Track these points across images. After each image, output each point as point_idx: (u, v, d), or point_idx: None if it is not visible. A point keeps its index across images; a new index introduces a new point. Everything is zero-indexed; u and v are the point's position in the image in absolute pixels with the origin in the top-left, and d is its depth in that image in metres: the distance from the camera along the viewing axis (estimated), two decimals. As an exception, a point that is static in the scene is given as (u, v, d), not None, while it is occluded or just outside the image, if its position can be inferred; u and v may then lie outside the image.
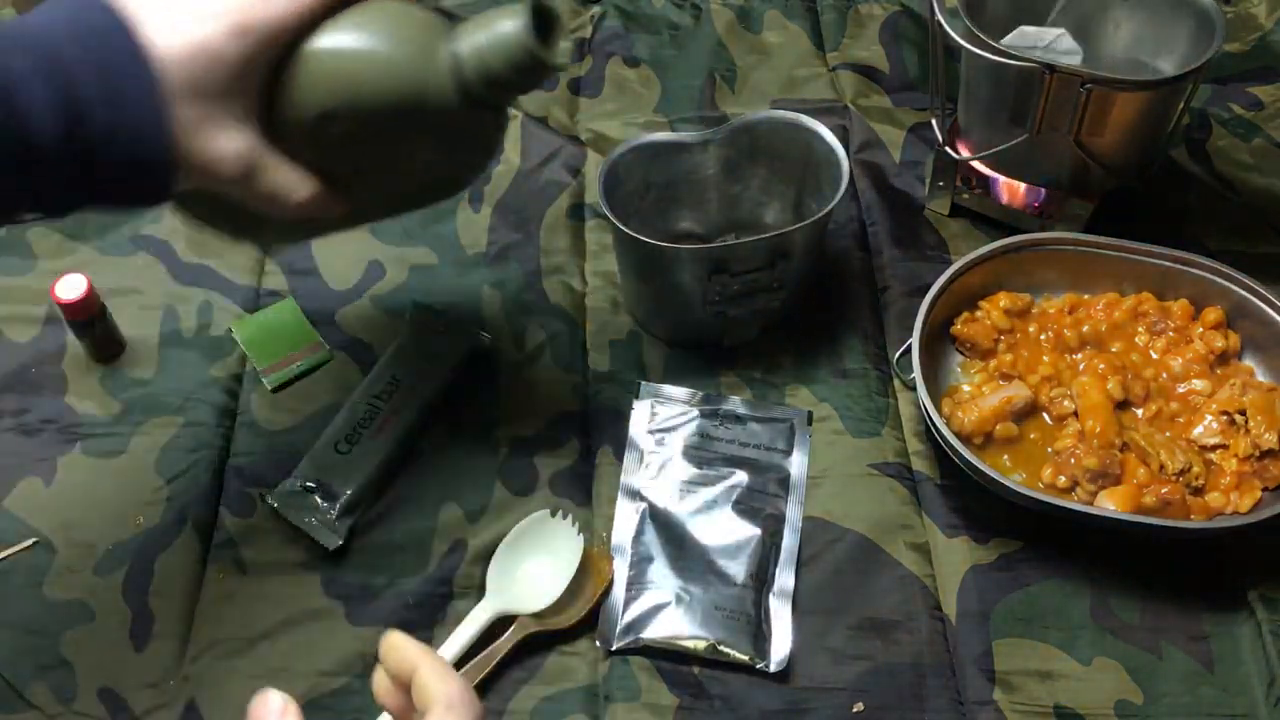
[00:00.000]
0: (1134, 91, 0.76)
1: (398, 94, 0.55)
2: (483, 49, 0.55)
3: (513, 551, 0.69)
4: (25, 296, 0.82)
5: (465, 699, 0.44)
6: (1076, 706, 0.66)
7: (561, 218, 0.88)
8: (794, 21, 1.02)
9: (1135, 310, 0.78)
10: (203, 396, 0.77)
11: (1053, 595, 0.70)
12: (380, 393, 0.76)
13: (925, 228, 0.88)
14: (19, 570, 0.70)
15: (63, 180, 0.50)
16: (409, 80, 0.55)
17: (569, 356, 0.80)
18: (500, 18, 0.55)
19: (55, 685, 0.65)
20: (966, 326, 0.77)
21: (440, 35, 0.56)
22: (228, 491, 0.73)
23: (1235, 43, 1.01)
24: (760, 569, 0.69)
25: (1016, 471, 0.72)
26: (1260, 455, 0.71)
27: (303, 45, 0.55)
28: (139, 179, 0.52)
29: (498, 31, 0.55)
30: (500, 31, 0.55)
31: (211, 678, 0.66)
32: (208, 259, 0.84)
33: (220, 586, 0.69)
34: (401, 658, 0.45)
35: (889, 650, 0.67)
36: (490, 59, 0.55)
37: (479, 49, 0.55)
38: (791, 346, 0.81)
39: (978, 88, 0.82)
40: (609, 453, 0.75)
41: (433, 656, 0.45)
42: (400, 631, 0.47)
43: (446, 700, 0.43)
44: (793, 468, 0.74)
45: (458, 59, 0.55)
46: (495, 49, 0.55)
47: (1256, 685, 0.67)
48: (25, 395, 0.77)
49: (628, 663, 0.67)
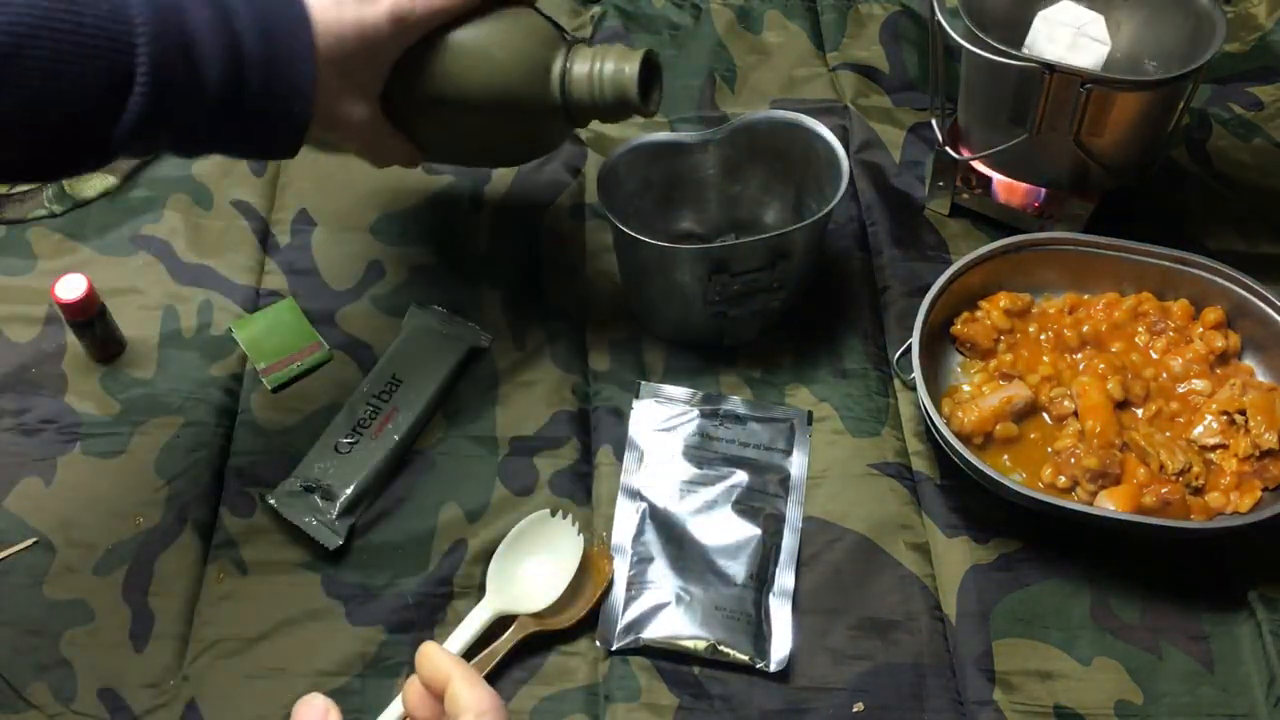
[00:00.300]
0: (1134, 91, 0.76)
1: (506, 98, 0.64)
2: (594, 81, 0.64)
3: (513, 551, 0.69)
4: (25, 296, 0.82)
5: (495, 705, 0.46)
6: (1076, 706, 0.66)
7: (562, 217, 0.88)
8: (794, 21, 1.02)
9: (1135, 310, 0.78)
10: (203, 396, 0.77)
11: (1053, 595, 0.70)
12: (380, 393, 0.76)
13: (925, 228, 0.88)
14: (19, 570, 0.70)
15: (211, 125, 0.56)
16: (519, 89, 0.64)
17: (569, 356, 0.80)
18: (617, 59, 0.64)
19: (55, 685, 0.65)
20: (966, 326, 0.77)
21: (556, 52, 0.65)
22: (228, 491, 0.73)
23: (1235, 43, 1.01)
24: (760, 569, 0.69)
25: (1016, 471, 0.72)
26: (1260, 455, 0.71)
27: (435, 37, 0.63)
28: (276, 134, 0.58)
29: (612, 71, 0.64)
30: (614, 72, 0.64)
31: (211, 678, 0.66)
32: (208, 259, 0.84)
33: (220, 586, 0.69)
34: (435, 667, 0.47)
35: (889, 650, 0.67)
36: (597, 92, 0.64)
37: (590, 79, 0.64)
38: (791, 346, 0.81)
39: (978, 88, 0.82)
40: (609, 453, 0.75)
41: (464, 666, 0.47)
42: (434, 643, 0.49)
43: (478, 708, 0.45)
44: (793, 468, 0.74)
45: (568, 80, 0.64)
46: (605, 85, 0.64)
47: (1256, 685, 0.67)
48: (25, 395, 0.77)
49: (628, 663, 0.67)
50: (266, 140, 0.59)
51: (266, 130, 0.58)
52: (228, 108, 0.55)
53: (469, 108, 0.64)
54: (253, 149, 0.61)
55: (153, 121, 0.53)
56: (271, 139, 0.59)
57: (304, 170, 0.90)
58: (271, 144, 0.60)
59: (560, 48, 0.65)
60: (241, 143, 0.59)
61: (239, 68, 0.54)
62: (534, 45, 0.65)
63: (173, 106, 0.53)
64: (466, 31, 0.63)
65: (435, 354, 0.78)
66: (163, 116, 0.53)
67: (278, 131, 0.58)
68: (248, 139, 0.58)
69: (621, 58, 0.65)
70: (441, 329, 0.80)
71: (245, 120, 0.56)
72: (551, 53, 0.65)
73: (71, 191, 0.87)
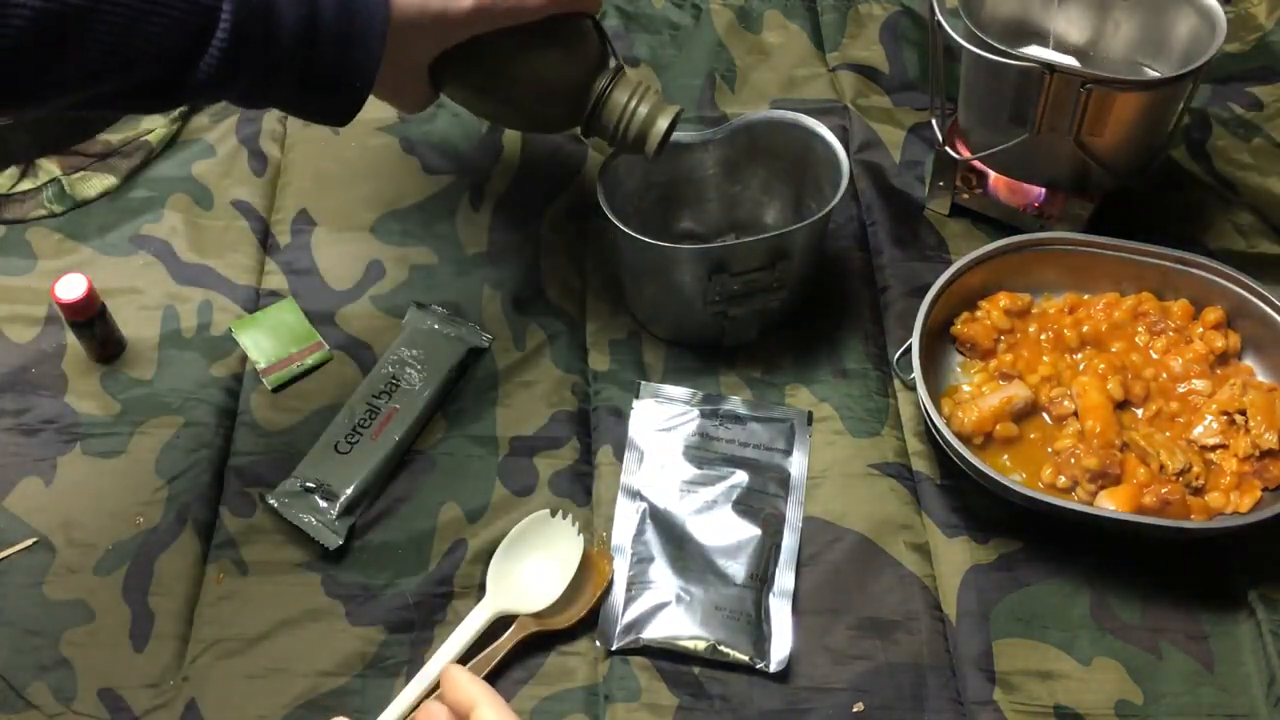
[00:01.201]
0: (1134, 91, 0.76)
1: (544, 100, 0.70)
2: (624, 115, 0.70)
3: (513, 551, 0.69)
4: (25, 296, 0.82)
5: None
6: (1076, 706, 0.66)
7: (561, 217, 0.88)
8: (794, 21, 1.02)
9: (1135, 310, 0.78)
10: (203, 396, 0.77)
11: (1053, 595, 0.70)
12: (380, 393, 0.76)
13: (925, 228, 0.88)
14: (19, 570, 0.70)
15: (277, 83, 0.58)
16: (558, 97, 0.70)
17: (569, 356, 0.80)
18: (653, 107, 0.70)
19: (55, 685, 0.65)
20: (966, 326, 0.77)
21: (602, 71, 0.70)
22: (228, 491, 0.73)
23: (1235, 43, 1.01)
24: (760, 569, 0.69)
25: (1016, 471, 0.72)
26: (1260, 455, 0.71)
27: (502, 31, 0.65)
28: (336, 101, 0.61)
29: (644, 116, 0.70)
30: (645, 118, 0.70)
31: (211, 678, 0.66)
32: (208, 259, 0.85)
33: (220, 586, 0.69)
34: (462, 694, 0.48)
35: (889, 650, 0.67)
36: (623, 126, 0.70)
37: (622, 112, 0.70)
38: (791, 346, 0.81)
39: (978, 88, 0.81)
40: (609, 453, 0.75)
41: (492, 694, 0.48)
42: (460, 667, 0.49)
43: None
44: (793, 468, 0.74)
45: (603, 102, 0.70)
46: (633, 125, 0.70)
47: (1256, 685, 0.67)
48: (25, 395, 0.77)
49: (628, 663, 0.67)
50: (324, 108, 0.62)
51: (325, 100, 0.61)
52: (299, 69, 0.58)
53: (509, 102, 0.70)
54: (311, 112, 0.63)
55: (223, 76, 0.56)
56: (329, 108, 0.62)
57: (304, 170, 0.90)
58: (328, 113, 0.63)
59: (606, 69, 0.70)
60: (300, 106, 0.62)
61: (313, 33, 0.57)
62: (585, 62, 0.69)
63: (244, 65, 0.56)
64: (525, 37, 0.66)
65: (435, 354, 0.78)
66: (232, 73, 0.56)
67: (336, 103, 0.62)
68: (306, 104, 0.61)
69: (656, 108, 0.71)
70: (441, 329, 0.80)
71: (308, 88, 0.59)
72: (597, 71, 0.70)
73: (71, 191, 0.87)
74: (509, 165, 0.91)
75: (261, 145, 0.91)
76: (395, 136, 0.93)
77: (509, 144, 0.92)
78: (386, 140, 0.92)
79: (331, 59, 0.58)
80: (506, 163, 0.91)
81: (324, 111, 0.63)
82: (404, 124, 0.93)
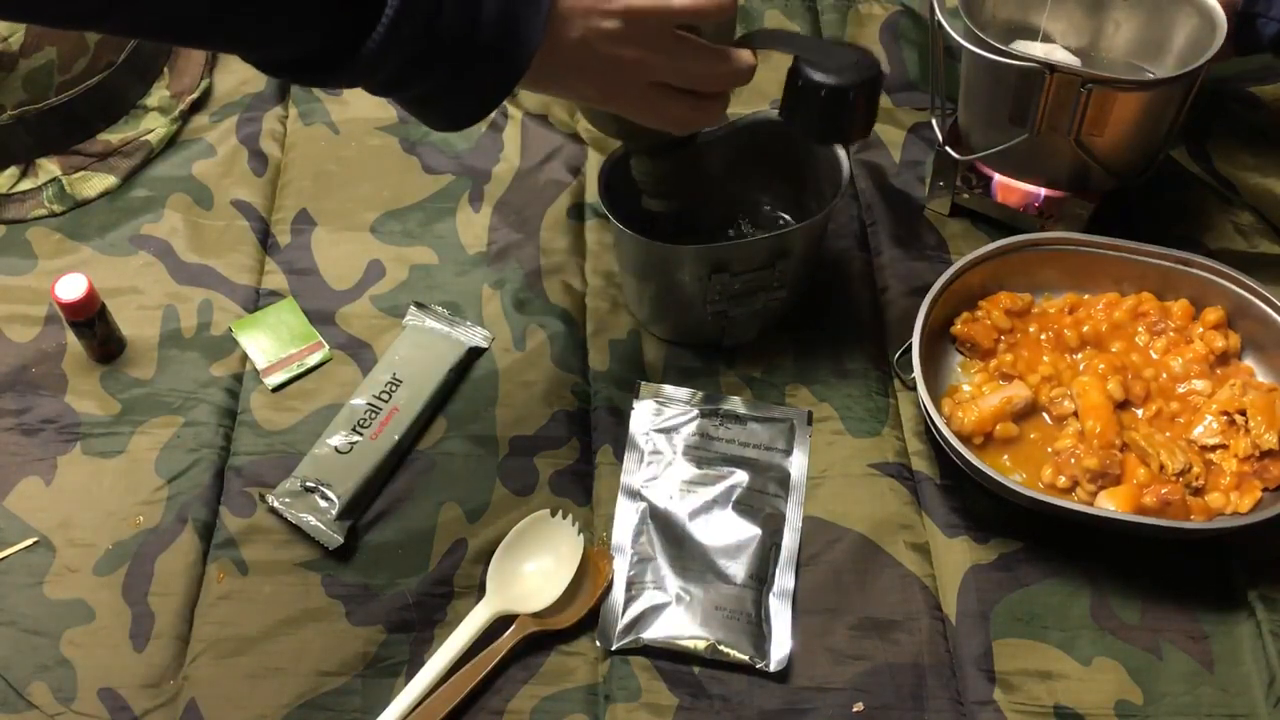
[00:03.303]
0: (1134, 91, 0.76)
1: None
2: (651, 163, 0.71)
3: (513, 551, 0.69)
4: (25, 296, 0.82)
5: None
6: (1076, 706, 0.66)
7: (561, 217, 0.88)
8: (794, 21, 1.02)
9: (1135, 310, 0.78)
10: (203, 396, 0.77)
11: (1053, 595, 0.70)
12: (380, 393, 0.76)
13: (925, 228, 0.88)
14: (19, 570, 0.70)
15: (429, 74, 0.55)
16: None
17: (569, 356, 0.80)
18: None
19: (55, 685, 0.65)
20: (966, 326, 0.77)
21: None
22: (228, 491, 0.73)
23: (1235, 43, 1.01)
24: (760, 569, 0.69)
25: (1016, 471, 0.72)
26: (1260, 455, 0.71)
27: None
28: (479, 97, 0.58)
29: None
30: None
31: (211, 678, 0.66)
32: (208, 259, 0.85)
33: (220, 586, 0.69)
34: None
35: (889, 650, 0.67)
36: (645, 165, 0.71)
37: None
38: (791, 346, 0.81)
39: (978, 88, 0.82)
40: (609, 453, 0.75)
41: None
42: None
43: None
44: (793, 468, 0.74)
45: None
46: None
47: (1256, 685, 0.67)
48: (25, 395, 0.77)
49: (628, 663, 0.67)
50: (474, 98, 0.58)
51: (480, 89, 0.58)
52: (454, 62, 0.55)
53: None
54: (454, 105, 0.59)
55: (385, 50, 0.53)
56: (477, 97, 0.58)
57: (304, 170, 0.90)
58: (471, 106, 0.59)
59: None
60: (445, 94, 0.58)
61: (472, 27, 0.54)
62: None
63: (406, 38, 0.54)
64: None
65: (435, 354, 0.78)
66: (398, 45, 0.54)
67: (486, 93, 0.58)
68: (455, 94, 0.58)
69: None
70: (441, 329, 0.80)
71: (463, 77, 0.56)
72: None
73: (71, 191, 0.87)
74: (509, 164, 0.91)
75: (261, 145, 0.92)
76: (395, 136, 0.93)
77: (509, 144, 0.92)
78: (386, 140, 0.92)
79: (488, 53, 0.55)
80: (506, 163, 0.91)
81: (462, 110, 0.59)
82: (404, 124, 0.93)
